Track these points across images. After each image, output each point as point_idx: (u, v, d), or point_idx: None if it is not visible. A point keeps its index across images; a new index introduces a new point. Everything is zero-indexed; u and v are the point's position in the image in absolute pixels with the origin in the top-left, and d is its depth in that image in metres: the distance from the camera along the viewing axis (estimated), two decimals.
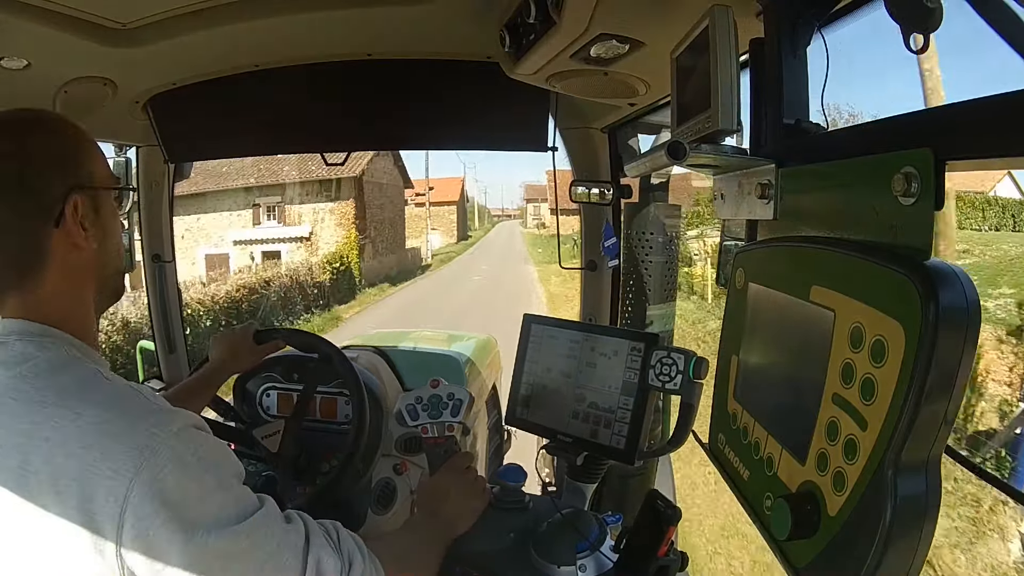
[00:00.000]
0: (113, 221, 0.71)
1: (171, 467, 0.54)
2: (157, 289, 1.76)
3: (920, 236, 0.44)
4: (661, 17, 0.76)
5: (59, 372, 0.59)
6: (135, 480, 0.53)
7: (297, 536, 0.62)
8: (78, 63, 1.07)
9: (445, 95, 1.28)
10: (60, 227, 0.63)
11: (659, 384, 0.91)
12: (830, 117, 1.36)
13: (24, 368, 0.58)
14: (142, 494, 0.53)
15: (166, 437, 0.55)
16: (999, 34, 0.47)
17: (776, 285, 0.62)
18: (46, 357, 0.59)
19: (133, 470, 0.53)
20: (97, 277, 0.68)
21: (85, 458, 0.53)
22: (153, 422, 0.56)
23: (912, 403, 0.41)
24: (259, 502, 0.61)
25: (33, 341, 0.60)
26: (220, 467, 0.59)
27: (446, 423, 1.11)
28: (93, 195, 0.66)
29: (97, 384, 0.59)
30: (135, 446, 0.54)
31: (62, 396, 0.56)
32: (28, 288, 0.62)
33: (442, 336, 2.68)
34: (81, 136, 0.68)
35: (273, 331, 1.28)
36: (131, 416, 0.56)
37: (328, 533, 0.67)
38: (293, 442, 1.25)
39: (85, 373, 0.60)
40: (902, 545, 0.44)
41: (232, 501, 0.58)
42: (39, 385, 0.57)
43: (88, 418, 0.55)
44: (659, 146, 0.64)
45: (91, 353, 0.65)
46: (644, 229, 1.33)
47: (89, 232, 0.65)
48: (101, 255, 0.68)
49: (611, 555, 0.91)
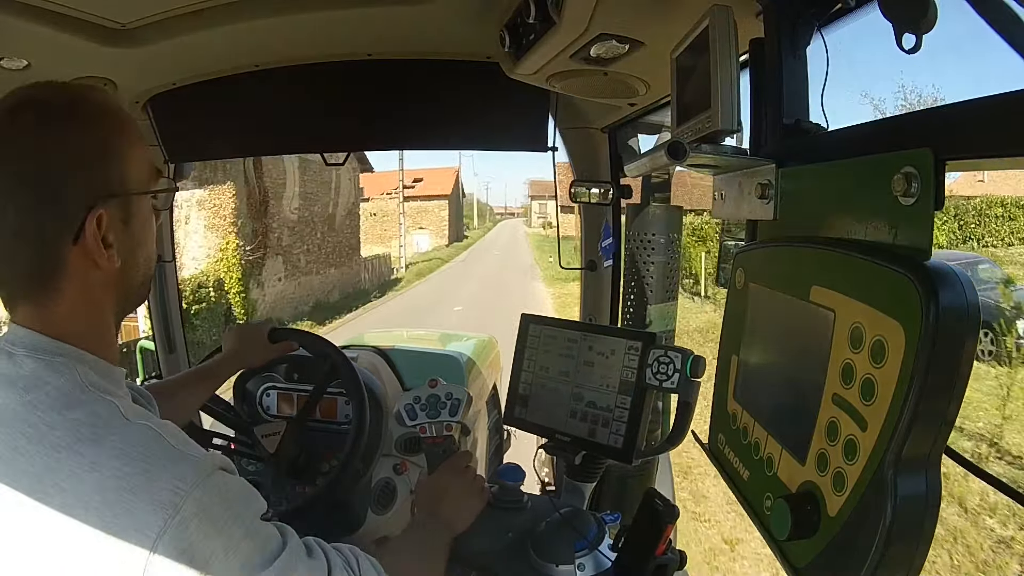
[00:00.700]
0: (146, 228, 0.63)
1: (197, 522, 0.51)
2: (157, 289, 1.76)
3: (920, 236, 0.44)
4: (661, 17, 0.76)
5: (72, 406, 0.53)
6: (159, 540, 0.49)
7: (320, 571, 0.59)
8: (78, 63, 1.07)
9: (445, 95, 1.27)
10: (79, 243, 0.56)
11: (656, 383, 0.91)
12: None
13: (35, 396, 0.53)
14: (167, 552, 0.50)
15: (191, 489, 0.51)
16: (999, 34, 0.47)
17: (776, 285, 0.62)
18: (58, 385, 0.54)
19: (157, 529, 0.49)
20: (119, 292, 0.62)
21: (105, 513, 0.49)
22: (177, 475, 0.52)
23: (912, 403, 0.41)
24: (282, 539, 0.58)
25: (45, 361, 0.55)
26: (245, 512, 0.56)
27: (444, 423, 1.11)
28: (125, 202, 0.59)
29: (114, 426, 0.53)
30: (159, 503, 0.50)
31: (76, 440, 0.51)
32: (42, 300, 0.57)
33: (442, 336, 2.69)
34: (118, 128, 0.59)
35: (289, 331, 1.29)
36: (153, 469, 0.52)
37: (348, 563, 0.64)
38: (294, 442, 1.25)
39: (101, 410, 0.54)
40: (902, 545, 0.44)
41: (259, 548, 0.55)
42: (51, 422, 0.52)
43: (106, 471, 0.50)
44: (659, 146, 0.64)
45: (110, 374, 0.59)
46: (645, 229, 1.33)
47: (113, 249, 0.58)
48: (126, 270, 0.61)
49: (609, 554, 0.91)
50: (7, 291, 0.58)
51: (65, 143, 0.55)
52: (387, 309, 13.32)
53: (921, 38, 0.48)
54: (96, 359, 0.58)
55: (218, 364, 1.20)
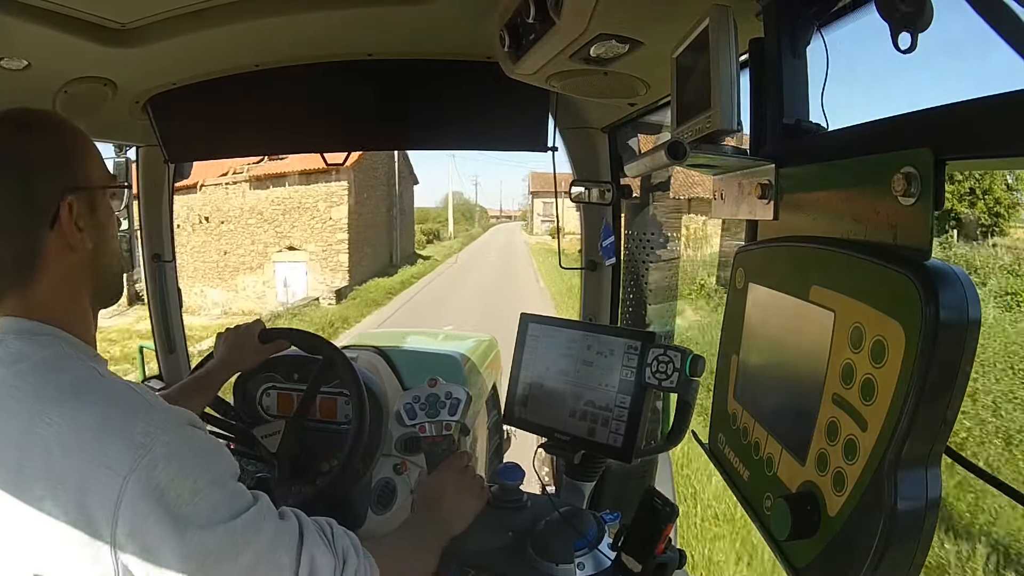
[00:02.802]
0: (109, 222, 0.71)
1: (165, 464, 0.55)
2: (157, 289, 1.76)
3: (920, 236, 0.44)
4: (661, 17, 0.76)
5: (56, 370, 0.59)
6: (129, 477, 0.53)
7: (291, 533, 0.63)
8: (78, 63, 1.06)
9: (445, 95, 1.27)
10: (55, 228, 0.63)
11: (656, 382, 0.91)
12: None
13: (21, 366, 0.58)
14: (136, 490, 0.53)
15: (161, 434, 0.56)
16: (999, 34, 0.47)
17: (776, 285, 0.62)
18: (42, 356, 0.60)
19: (128, 467, 0.53)
20: (94, 277, 0.68)
21: (81, 455, 0.54)
22: (149, 419, 0.57)
23: (912, 403, 0.41)
24: (253, 499, 0.61)
25: (30, 339, 0.61)
26: (215, 464, 0.60)
27: (444, 422, 1.11)
28: (89, 196, 0.67)
29: (94, 382, 0.59)
30: (130, 443, 0.54)
31: (59, 394, 0.57)
32: (25, 289, 0.63)
33: (442, 336, 2.68)
34: (77, 136, 0.68)
35: (278, 331, 1.28)
36: (127, 414, 0.57)
37: (322, 530, 0.67)
38: (294, 442, 1.25)
39: (82, 371, 0.60)
40: (902, 545, 0.44)
41: (226, 498, 0.58)
42: (36, 382, 0.57)
43: (85, 416, 0.55)
44: (659, 146, 0.64)
45: (88, 351, 0.65)
46: (645, 229, 1.33)
47: (84, 233, 0.65)
48: (97, 256, 0.68)
49: (609, 553, 0.91)
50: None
51: (37, 147, 0.64)
52: None
53: (917, 37, 0.48)
54: (78, 340, 0.64)
55: (211, 373, 1.20)
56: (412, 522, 0.96)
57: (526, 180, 53.25)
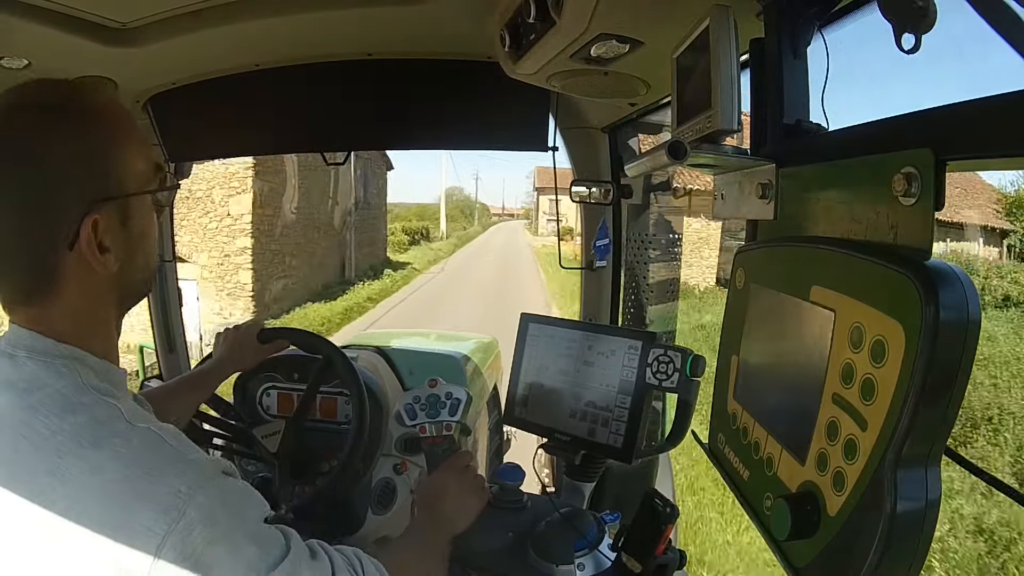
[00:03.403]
0: (147, 227, 0.62)
1: (201, 527, 0.51)
2: (157, 289, 1.76)
3: (920, 236, 0.44)
4: (661, 17, 0.76)
5: (74, 410, 0.53)
6: (163, 544, 0.50)
7: (324, 572, 0.60)
8: (78, 63, 1.06)
9: (445, 95, 1.28)
10: (74, 249, 0.55)
11: (656, 382, 0.91)
12: None
13: (36, 399, 0.53)
14: (171, 556, 0.50)
15: (193, 493, 0.52)
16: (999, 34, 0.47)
17: (776, 285, 0.62)
18: (59, 387, 0.54)
19: (162, 534, 0.50)
20: (119, 294, 0.61)
21: (107, 518, 0.50)
22: (179, 479, 0.52)
23: (912, 403, 0.41)
24: (285, 543, 0.58)
25: (44, 362, 0.55)
26: (248, 516, 0.56)
27: (444, 422, 1.11)
28: (122, 204, 0.58)
29: (115, 430, 0.53)
30: (162, 507, 0.50)
31: (78, 444, 0.52)
32: (39, 304, 0.57)
33: (442, 336, 2.68)
34: (114, 129, 0.58)
35: (278, 330, 1.29)
36: (155, 472, 0.52)
37: (351, 565, 0.64)
38: (294, 442, 1.25)
39: (102, 413, 0.54)
40: (902, 545, 0.44)
41: (263, 551, 0.55)
42: (52, 427, 0.52)
43: (108, 474, 0.51)
44: (659, 146, 0.64)
45: (111, 376, 0.59)
46: (645, 229, 1.33)
47: (110, 253, 0.57)
48: (124, 272, 0.60)
49: (609, 554, 0.91)
50: (4, 293, 0.58)
51: (60, 148, 0.54)
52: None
53: (920, 38, 0.48)
54: (97, 360, 0.58)
55: (209, 371, 1.20)
56: (418, 529, 0.96)
57: (530, 177, 48.36)
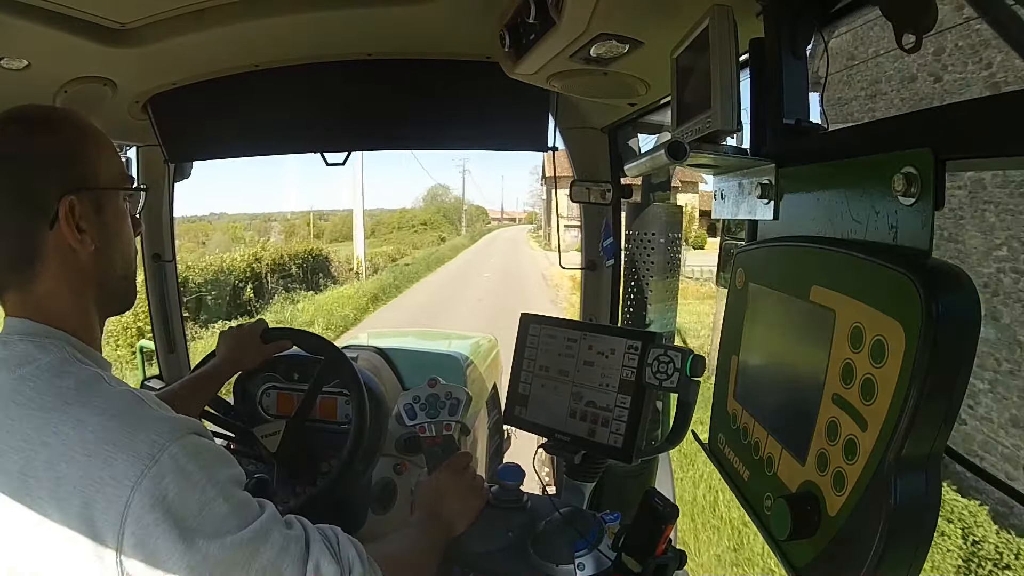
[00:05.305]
0: (120, 223, 0.69)
1: (173, 476, 0.54)
2: (157, 289, 1.76)
3: (920, 236, 0.44)
4: (661, 17, 0.76)
5: (60, 375, 0.58)
6: (136, 488, 0.53)
7: (297, 543, 0.62)
8: (78, 63, 1.06)
9: (445, 95, 1.28)
10: (55, 229, 0.63)
11: (656, 382, 0.91)
12: None
13: (25, 370, 0.58)
14: (143, 502, 0.53)
15: (168, 445, 0.55)
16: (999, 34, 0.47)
17: (776, 285, 0.62)
18: (47, 360, 0.59)
19: (134, 478, 0.53)
20: (98, 280, 0.67)
21: (87, 465, 0.53)
22: (155, 430, 0.56)
23: (912, 403, 0.41)
24: (260, 509, 0.61)
25: (34, 341, 0.61)
26: (222, 475, 0.59)
27: (444, 422, 1.10)
28: (96, 196, 0.66)
29: (98, 389, 0.58)
30: (137, 455, 0.54)
31: (63, 401, 0.56)
32: (25, 285, 0.63)
33: (442, 336, 2.68)
34: (86, 134, 0.67)
35: (281, 331, 1.29)
36: (133, 424, 0.56)
37: (328, 539, 0.66)
38: (294, 442, 1.25)
39: (86, 376, 0.59)
40: (902, 545, 0.44)
41: (233, 510, 0.58)
42: (40, 388, 0.57)
43: (90, 425, 0.55)
44: (659, 146, 0.64)
45: (92, 354, 0.64)
46: (645, 229, 1.33)
47: (86, 234, 0.64)
48: (102, 258, 0.67)
49: (609, 553, 0.91)
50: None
51: (41, 145, 0.63)
52: None
53: (921, 37, 0.48)
54: (81, 343, 0.64)
55: (213, 371, 1.20)
56: (413, 524, 0.96)
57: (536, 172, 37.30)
